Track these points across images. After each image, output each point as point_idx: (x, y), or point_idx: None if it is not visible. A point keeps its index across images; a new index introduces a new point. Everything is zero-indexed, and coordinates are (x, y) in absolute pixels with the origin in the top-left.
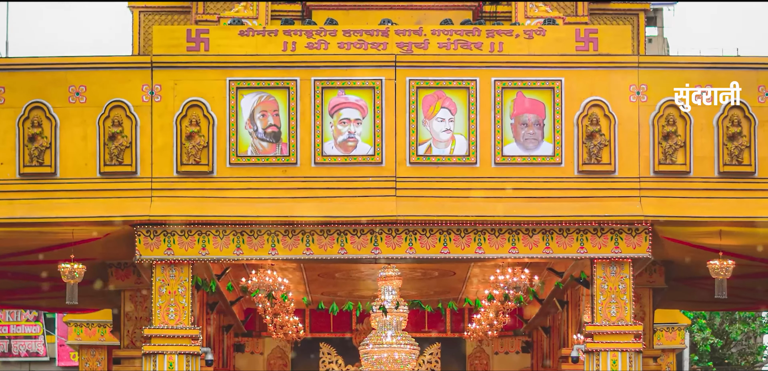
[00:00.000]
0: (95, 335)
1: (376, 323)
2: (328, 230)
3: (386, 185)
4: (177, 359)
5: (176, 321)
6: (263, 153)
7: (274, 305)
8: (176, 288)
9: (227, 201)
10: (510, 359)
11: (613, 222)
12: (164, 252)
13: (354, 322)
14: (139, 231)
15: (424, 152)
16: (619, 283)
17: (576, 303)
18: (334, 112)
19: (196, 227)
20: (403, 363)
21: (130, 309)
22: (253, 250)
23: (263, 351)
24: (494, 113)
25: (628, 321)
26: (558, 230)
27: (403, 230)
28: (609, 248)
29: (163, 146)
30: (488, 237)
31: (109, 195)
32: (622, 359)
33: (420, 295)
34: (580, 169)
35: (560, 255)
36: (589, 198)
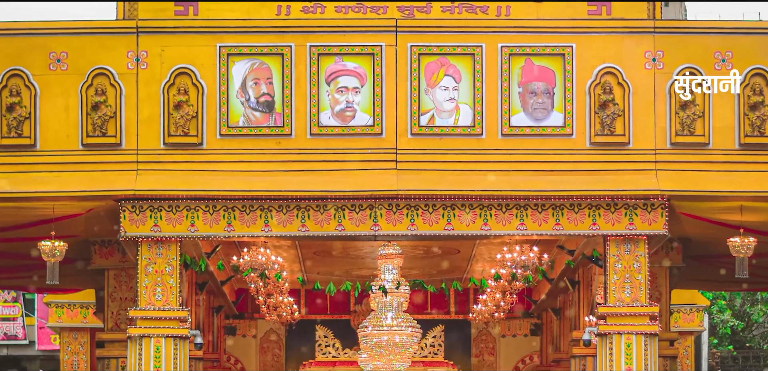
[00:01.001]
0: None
1: (375, 304)
2: (324, 205)
3: (386, 158)
4: (164, 342)
5: (163, 303)
6: (256, 123)
7: (268, 285)
8: (163, 267)
9: (217, 174)
10: (518, 342)
11: (628, 197)
12: (151, 228)
13: (352, 303)
14: (124, 207)
15: (426, 123)
16: (633, 262)
17: (588, 283)
18: (330, 80)
19: (185, 202)
20: (404, 347)
21: (114, 290)
22: (245, 227)
23: (256, 334)
24: (501, 81)
25: (643, 302)
26: (569, 205)
27: (405, 205)
28: (623, 224)
29: (149, 116)
30: (495, 213)
31: (92, 168)
32: (637, 342)
33: (422, 275)
34: (592, 141)
35: (571, 231)
36: (601, 172)
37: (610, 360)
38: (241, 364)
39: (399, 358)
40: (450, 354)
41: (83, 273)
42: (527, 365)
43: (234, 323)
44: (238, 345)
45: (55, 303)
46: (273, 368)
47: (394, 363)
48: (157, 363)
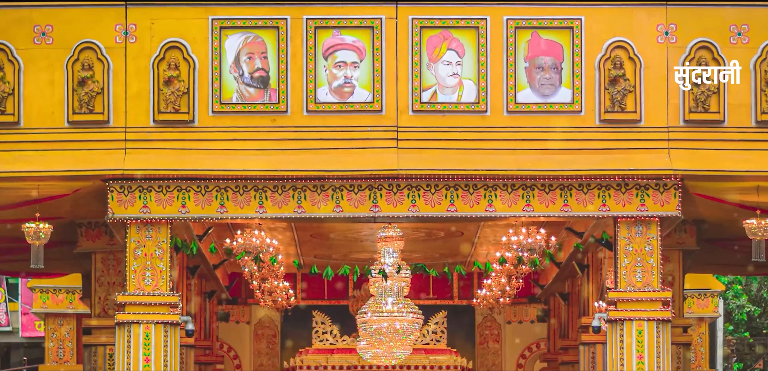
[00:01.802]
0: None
1: (375, 289)
2: (321, 186)
3: (386, 136)
4: (154, 329)
5: (153, 287)
6: (250, 100)
7: (262, 269)
8: (153, 251)
9: (210, 153)
10: (524, 328)
11: (639, 177)
12: (139, 210)
13: (351, 288)
14: (112, 187)
15: (428, 99)
16: (645, 245)
17: (597, 267)
18: (328, 54)
19: (175, 182)
20: (405, 334)
21: (101, 274)
22: (239, 208)
23: (250, 320)
24: (506, 56)
25: (655, 286)
26: (577, 186)
27: (405, 186)
28: (634, 205)
29: (138, 92)
30: (500, 194)
31: (79, 146)
32: (649, 329)
33: (424, 258)
34: (601, 118)
35: (580, 213)
36: (611, 150)
37: (620, 347)
38: (234, 352)
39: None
40: (453, 341)
41: (69, 256)
42: (534, 353)
43: (227, 309)
44: (232, 332)
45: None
46: (268, 356)
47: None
48: (146, 350)
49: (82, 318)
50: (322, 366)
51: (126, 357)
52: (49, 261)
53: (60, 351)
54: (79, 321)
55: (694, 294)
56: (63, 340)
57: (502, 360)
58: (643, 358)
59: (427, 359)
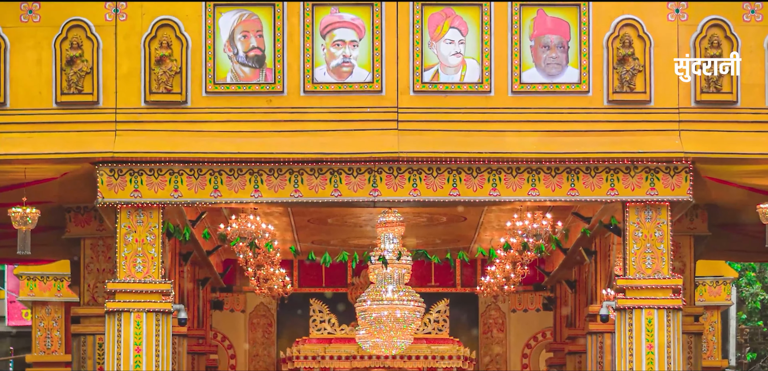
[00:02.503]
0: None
1: (374, 276)
2: (319, 169)
3: (386, 117)
4: (145, 318)
5: (144, 274)
6: (245, 80)
7: (258, 256)
8: (144, 236)
9: (203, 135)
10: (529, 317)
11: (649, 160)
12: (130, 194)
13: (349, 275)
14: (102, 170)
15: (430, 79)
16: (655, 230)
17: (605, 254)
18: (326, 32)
19: (167, 165)
20: (405, 323)
21: (90, 261)
22: (233, 192)
23: (245, 309)
24: (511, 34)
25: (665, 273)
26: (585, 169)
27: (406, 169)
28: (644, 189)
29: (129, 72)
30: (504, 177)
31: (67, 128)
32: (659, 317)
33: (425, 244)
34: (610, 99)
35: (587, 197)
36: (620, 132)
37: (629, 336)
38: (228, 341)
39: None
40: (456, 330)
41: (57, 242)
42: (539, 342)
43: (221, 297)
44: (226, 321)
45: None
46: (263, 345)
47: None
48: (137, 339)
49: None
50: (319, 356)
51: (116, 347)
52: (36, 247)
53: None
54: (67, 309)
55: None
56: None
57: (507, 350)
58: (652, 348)
59: (429, 349)
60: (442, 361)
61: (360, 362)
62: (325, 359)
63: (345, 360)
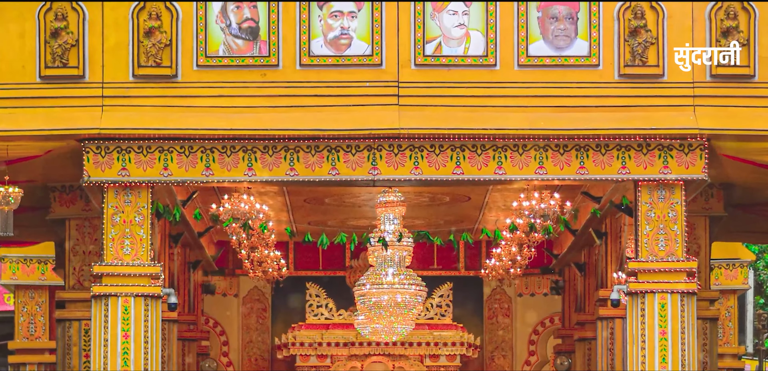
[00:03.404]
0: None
1: (374, 259)
2: (316, 146)
3: (386, 92)
4: (133, 302)
5: (132, 257)
6: (238, 53)
7: (252, 237)
8: (132, 217)
9: (194, 111)
10: (536, 302)
11: (662, 137)
12: (118, 172)
13: (347, 258)
14: (88, 148)
15: (432, 52)
16: (668, 210)
17: (616, 235)
18: (323, 3)
19: (157, 142)
20: (407, 307)
21: (76, 242)
22: (226, 170)
23: (238, 293)
24: (517, 5)
25: (679, 256)
26: (595, 146)
27: (408, 146)
28: (656, 168)
29: (116, 45)
30: (510, 155)
31: (52, 104)
32: (672, 302)
33: (427, 225)
34: (621, 73)
35: (597, 176)
36: (632, 108)
37: (641, 322)
38: (220, 327)
39: (401, 320)
40: (459, 315)
41: (41, 223)
42: (547, 328)
43: (213, 280)
44: (218, 305)
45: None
46: (257, 331)
47: (395, 326)
48: (125, 325)
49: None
50: (316, 343)
51: (103, 333)
52: (19, 228)
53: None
54: (51, 293)
55: (721, 264)
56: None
57: (513, 336)
58: (666, 334)
59: (431, 335)
60: (444, 348)
61: (359, 349)
62: (322, 345)
63: (343, 346)
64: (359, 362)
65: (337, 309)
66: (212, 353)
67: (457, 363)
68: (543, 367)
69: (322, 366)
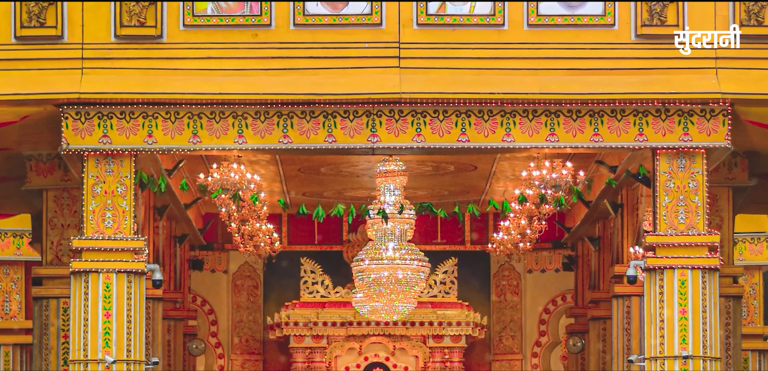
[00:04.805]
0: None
1: (373, 232)
2: (311, 112)
3: (387, 54)
4: (115, 279)
5: (114, 230)
6: (227, 12)
7: (242, 209)
8: (114, 187)
9: (181, 74)
10: (547, 278)
11: (682, 102)
12: (99, 140)
13: (345, 231)
14: (67, 113)
15: (435, 11)
16: (688, 180)
17: (633, 207)
18: None
19: (141, 108)
20: (408, 284)
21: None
22: (215, 138)
23: (227, 269)
24: None
25: (700, 229)
26: (610, 112)
27: (409, 112)
28: (676, 135)
29: (97, 3)
30: (519, 121)
31: (28, 66)
32: (693, 279)
33: (431, 196)
34: (638, 33)
35: (613, 143)
36: (649, 71)
37: (660, 300)
38: (209, 305)
39: (402, 298)
40: (465, 292)
41: (16, 194)
42: (559, 306)
43: (201, 255)
44: (206, 282)
45: None
46: (248, 310)
47: (396, 305)
48: (106, 303)
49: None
50: (311, 322)
51: (83, 312)
52: None
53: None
54: (28, 269)
55: (746, 238)
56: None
57: (522, 315)
58: (686, 313)
59: (435, 314)
60: (449, 328)
61: (357, 329)
62: (318, 325)
63: (340, 326)
64: (357, 343)
65: (334, 286)
66: (200, 333)
67: (462, 343)
68: (554, 348)
69: (317, 346)
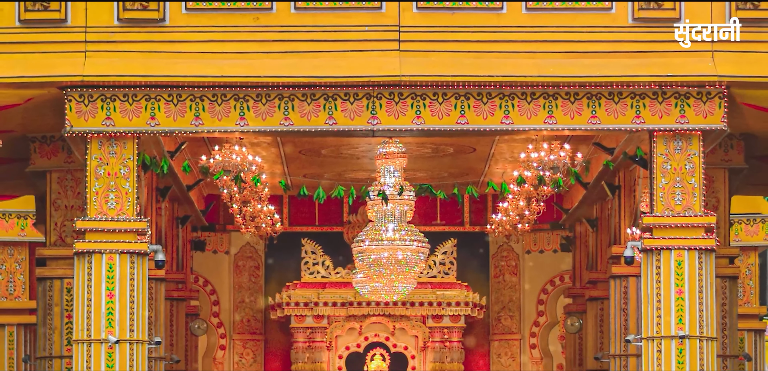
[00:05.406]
0: (13, 229)
1: (373, 213)
2: (312, 94)
3: (387, 37)
4: (118, 259)
5: (117, 212)
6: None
7: (244, 191)
8: (117, 169)
9: (183, 57)
10: (545, 259)
11: (679, 84)
12: (102, 122)
13: (345, 213)
14: (70, 96)
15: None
16: (685, 162)
17: (630, 189)
18: None
19: (143, 90)
20: (408, 265)
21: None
22: (217, 120)
23: (229, 250)
24: None
25: (697, 210)
26: (607, 94)
27: (409, 94)
28: (673, 117)
29: None
30: (517, 104)
31: (32, 49)
32: (690, 259)
33: (430, 178)
34: (635, 16)
35: (610, 125)
36: (647, 54)
37: (657, 280)
38: (211, 286)
39: (402, 278)
40: (464, 273)
41: (20, 175)
42: (557, 287)
43: (203, 236)
44: (208, 263)
45: None
46: (250, 290)
47: (396, 285)
48: (109, 284)
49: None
50: (312, 303)
51: (86, 292)
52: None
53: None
54: (32, 250)
55: (742, 219)
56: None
57: (521, 295)
58: (682, 293)
59: (434, 294)
60: (448, 308)
61: (357, 309)
62: (319, 305)
63: (340, 306)
64: (358, 323)
65: (334, 267)
66: (202, 313)
67: (461, 323)
68: (552, 328)
69: (318, 327)
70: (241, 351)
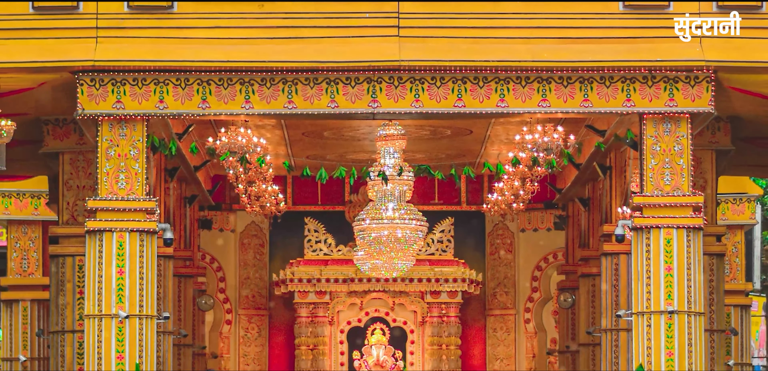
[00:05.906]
0: (27, 208)
1: (374, 193)
2: (315, 78)
3: (387, 23)
4: (128, 237)
5: (127, 191)
6: None
7: (249, 171)
8: (127, 151)
9: (190, 42)
10: (539, 237)
11: (667, 68)
12: (112, 105)
13: (347, 192)
14: (82, 80)
15: None
16: (674, 144)
17: (621, 169)
18: None
19: (152, 74)
20: (407, 243)
21: (70, 177)
22: (223, 103)
23: (235, 228)
24: None
25: (685, 190)
26: (599, 78)
27: (408, 78)
28: (662, 100)
29: None
30: (513, 87)
31: (45, 35)
32: (678, 237)
33: (428, 159)
34: (626, 3)
35: (602, 108)
36: (637, 39)
37: (646, 257)
38: (217, 263)
39: (401, 256)
40: (461, 250)
41: (34, 156)
42: (550, 264)
43: (209, 215)
44: (215, 241)
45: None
46: (255, 267)
47: (395, 262)
48: (119, 261)
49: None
50: (315, 279)
51: (97, 269)
52: (11, 162)
53: (24, 262)
54: (45, 228)
55: (728, 198)
56: (27, 250)
57: (515, 272)
58: (671, 270)
59: (432, 271)
60: (446, 284)
61: (358, 285)
62: (321, 282)
63: (342, 283)
64: (359, 298)
65: (336, 244)
66: (209, 289)
67: (458, 299)
68: (546, 304)
69: (320, 302)
70: (246, 325)
